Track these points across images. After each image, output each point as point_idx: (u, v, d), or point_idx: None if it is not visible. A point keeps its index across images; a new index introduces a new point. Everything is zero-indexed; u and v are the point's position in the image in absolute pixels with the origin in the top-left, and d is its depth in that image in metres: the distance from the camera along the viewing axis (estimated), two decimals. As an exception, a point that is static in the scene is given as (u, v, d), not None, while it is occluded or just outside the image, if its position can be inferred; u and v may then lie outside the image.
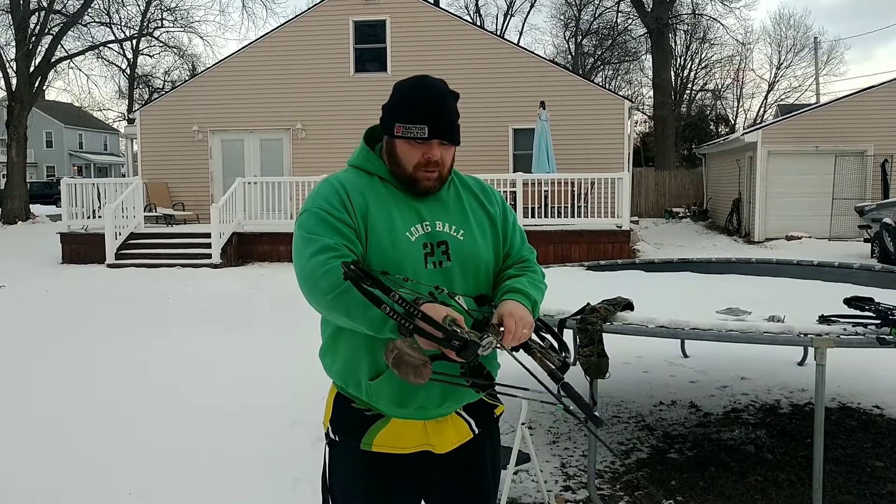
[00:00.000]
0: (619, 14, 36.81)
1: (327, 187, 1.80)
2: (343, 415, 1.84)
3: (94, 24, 29.01)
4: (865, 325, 3.18)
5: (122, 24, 31.44)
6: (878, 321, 3.18)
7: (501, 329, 1.65)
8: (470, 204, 1.89)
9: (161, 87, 39.19)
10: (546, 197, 14.12)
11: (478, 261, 1.83)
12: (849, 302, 3.51)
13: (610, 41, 38.43)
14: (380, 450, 1.80)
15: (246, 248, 14.51)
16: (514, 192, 13.94)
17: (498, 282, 1.87)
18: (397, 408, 1.78)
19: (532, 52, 18.66)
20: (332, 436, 1.87)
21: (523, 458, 3.54)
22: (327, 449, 1.90)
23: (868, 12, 66.58)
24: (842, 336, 3.09)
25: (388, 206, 1.78)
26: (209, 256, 13.78)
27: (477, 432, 1.90)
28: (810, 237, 17.25)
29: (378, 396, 1.78)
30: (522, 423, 3.50)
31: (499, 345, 1.63)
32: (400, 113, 1.77)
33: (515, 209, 13.92)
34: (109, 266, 13.80)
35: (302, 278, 1.69)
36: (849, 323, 3.24)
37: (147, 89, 40.56)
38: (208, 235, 13.94)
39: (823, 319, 3.32)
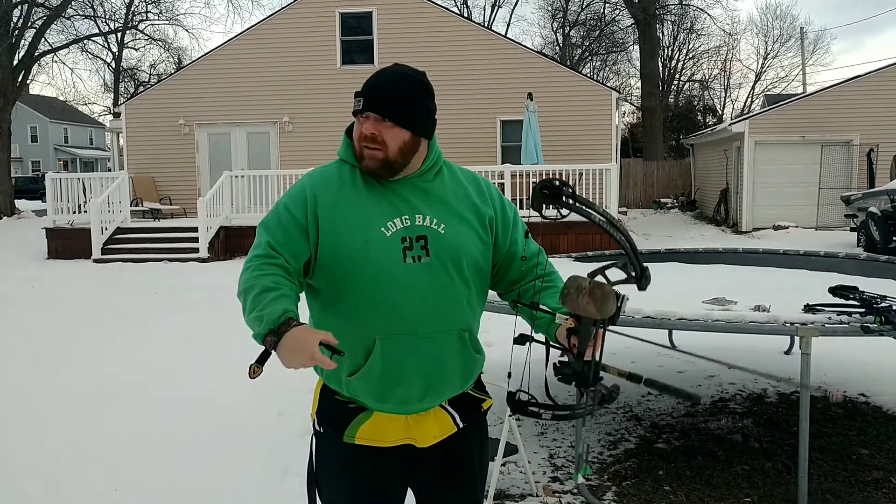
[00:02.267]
0: (607, 5, 36.83)
1: (299, 183, 1.85)
2: (327, 407, 1.85)
3: (77, 17, 28.73)
4: (850, 314, 3.19)
5: (107, 17, 31.13)
6: (863, 310, 3.19)
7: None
8: (456, 195, 1.83)
9: (147, 80, 38.91)
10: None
11: (459, 255, 1.77)
12: (833, 291, 3.53)
13: (597, 32, 38.44)
14: (363, 442, 1.80)
15: (233, 242, 14.44)
16: (503, 184, 13.93)
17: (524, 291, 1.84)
18: (376, 402, 1.79)
19: (519, 44, 18.63)
20: (317, 427, 1.88)
21: (511, 449, 3.54)
22: (314, 440, 1.91)
23: (860, 2, 66.91)
24: (826, 325, 3.10)
25: (364, 199, 1.76)
26: (196, 251, 13.72)
27: (461, 426, 1.88)
28: (797, 227, 17.34)
29: (357, 392, 1.79)
30: (510, 415, 3.51)
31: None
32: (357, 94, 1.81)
33: (504, 201, 13.92)
34: (96, 261, 13.71)
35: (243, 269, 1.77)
36: (833, 312, 3.26)
37: (133, 83, 40.25)
38: (195, 229, 13.86)
39: (809, 308, 3.34)
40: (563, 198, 1.57)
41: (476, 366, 1.88)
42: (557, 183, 1.58)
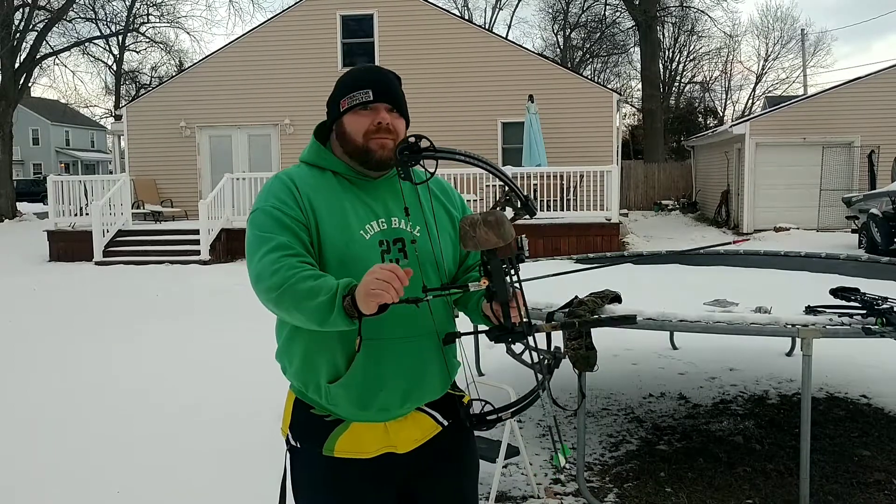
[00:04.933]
0: (607, 7, 36.85)
1: (278, 184, 1.75)
2: (302, 421, 1.80)
3: (79, 20, 28.85)
4: (851, 316, 3.19)
5: (108, 19, 31.27)
6: (864, 311, 3.19)
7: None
8: (435, 202, 1.85)
9: (148, 83, 38.97)
10: (535, 190, 14.13)
11: (434, 258, 1.77)
12: (835, 292, 3.53)
13: (598, 34, 38.46)
14: (342, 455, 1.75)
15: (235, 245, 14.45)
16: (504, 186, 13.92)
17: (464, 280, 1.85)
18: (358, 410, 1.73)
19: (520, 46, 18.63)
20: (292, 442, 1.82)
21: (512, 451, 3.54)
22: (288, 455, 1.85)
23: (865, 5, 66.92)
24: (828, 326, 3.10)
25: (341, 201, 1.73)
26: (198, 253, 13.73)
27: (445, 424, 1.84)
28: (798, 228, 17.33)
29: (337, 399, 1.73)
30: (511, 417, 3.50)
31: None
32: (342, 90, 1.78)
33: (505, 203, 13.91)
34: (97, 264, 13.72)
35: (254, 277, 1.65)
36: (835, 313, 3.25)
37: (134, 85, 40.33)
38: (197, 232, 13.88)
39: (810, 310, 3.34)
40: (423, 151, 1.58)
41: (454, 368, 1.87)
42: (413, 139, 1.59)
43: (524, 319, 1.62)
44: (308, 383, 1.76)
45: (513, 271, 1.61)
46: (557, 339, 1.77)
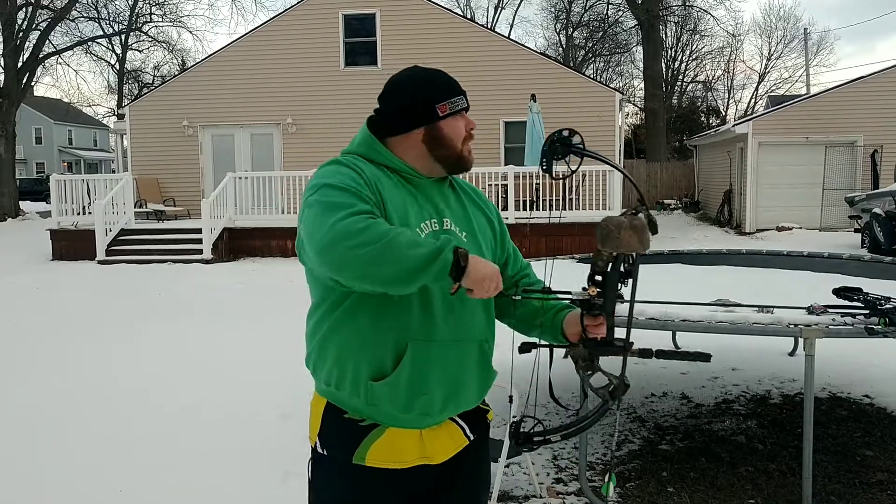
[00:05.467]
0: (610, 6, 36.83)
1: (342, 167, 1.66)
2: (334, 426, 1.71)
3: (82, 19, 28.88)
4: (854, 316, 3.19)
5: (111, 19, 31.30)
6: (867, 311, 3.19)
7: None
8: (471, 207, 1.84)
9: (151, 82, 39.00)
10: (537, 190, 14.13)
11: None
12: (837, 292, 3.53)
13: (601, 33, 38.44)
14: (374, 464, 1.68)
15: (237, 244, 14.46)
16: (506, 185, 13.94)
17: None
18: (400, 412, 1.67)
19: (522, 45, 18.63)
20: (320, 450, 1.73)
21: (514, 451, 3.54)
22: (311, 468, 1.77)
23: (869, 4, 66.84)
24: (830, 326, 3.10)
25: (402, 195, 1.70)
26: (200, 252, 13.73)
27: (472, 438, 1.82)
28: (801, 228, 17.30)
29: (379, 399, 1.66)
30: (514, 417, 3.50)
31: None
32: (437, 93, 1.73)
33: (507, 202, 13.95)
34: (100, 262, 13.73)
35: (332, 238, 1.47)
36: (838, 313, 3.25)
37: (137, 84, 40.37)
38: (199, 231, 13.88)
39: (812, 310, 3.33)
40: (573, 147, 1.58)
41: (491, 379, 1.85)
42: (567, 133, 1.58)
43: (615, 337, 1.61)
44: (343, 382, 1.68)
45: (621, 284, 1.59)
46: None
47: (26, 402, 5.30)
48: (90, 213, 14.43)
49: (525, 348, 1.74)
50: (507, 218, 13.26)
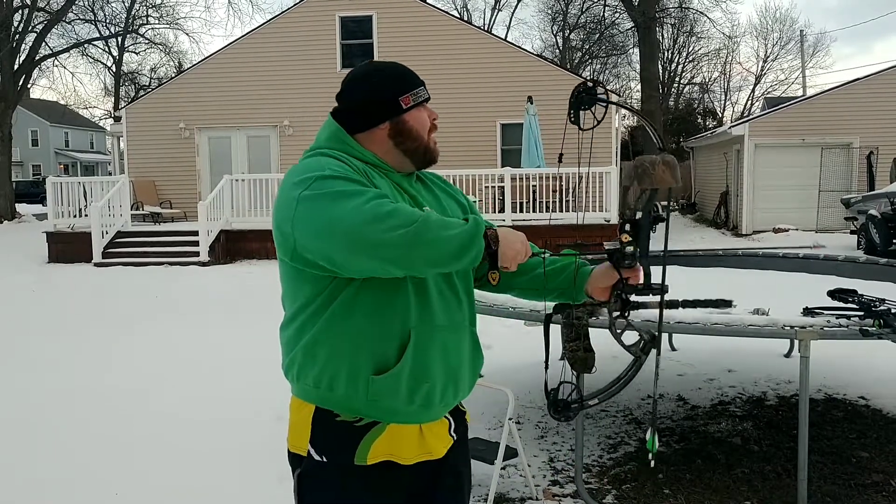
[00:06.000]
0: (606, 8, 36.82)
1: (324, 158, 1.62)
2: (327, 431, 1.66)
3: (78, 21, 28.84)
4: (849, 318, 3.20)
5: (107, 21, 31.27)
6: (862, 313, 3.20)
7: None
8: (442, 195, 1.85)
9: (147, 84, 38.95)
10: (534, 192, 14.14)
11: None
12: (832, 294, 3.54)
13: (597, 35, 38.45)
14: (379, 460, 1.65)
15: (234, 246, 14.45)
16: (503, 188, 13.95)
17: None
18: (402, 405, 1.64)
19: (519, 47, 18.65)
20: (316, 457, 1.66)
21: (511, 452, 3.55)
22: (302, 476, 1.69)
23: (866, 6, 67.04)
24: (825, 328, 3.11)
25: (386, 184, 1.67)
26: (197, 254, 13.72)
27: (455, 438, 1.80)
28: (797, 229, 17.34)
29: (381, 393, 1.62)
30: (510, 419, 3.51)
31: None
32: (400, 86, 1.72)
33: (504, 204, 13.96)
34: (96, 265, 13.71)
35: (364, 221, 1.44)
36: (833, 315, 3.26)
37: (133, 87, 40.30)
38: (196, 233, 13.87)
39: (808, 312, 3.34)
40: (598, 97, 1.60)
41: (480, 364, 1.84)
42: (591, 84, 1.60)
43: (652, 283, 1.64)
44: (337, 382, 1.63)
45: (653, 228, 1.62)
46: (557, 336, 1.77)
47: (23, 403, 5.29)
48: (86, 215, 14.41)
49: (559, 309, 1.77)
50: (504, 220, 13.28)
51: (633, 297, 1.67)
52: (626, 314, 1.67)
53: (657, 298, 1.65)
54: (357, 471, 1.64)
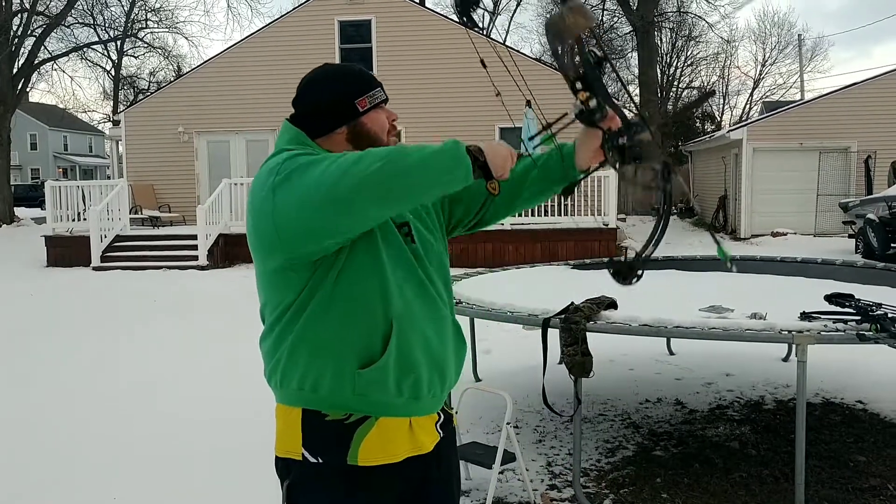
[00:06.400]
0: (605, 12, 36.85)
1: (285, 153, 1.60)
2: (319, 431, 1.64)
3: (77, 25, 28.87)
4: (846, 322, 3.21)
5: (106, 25, 31.31)
6: (859, 317, 3.20)
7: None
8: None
9: (146, 88, 38.95)
10: (532, 196, 14.14)
11: (429, 249, 1.75)
12: (829, 298, 3.55)
13: (596, 39, 38.48)
14: (367, 462, 1.63)
15: (233, 250, 14.44)
16: (501, 191, 13.94)
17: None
18: (391, 397, 1.63)
19: (518, 51, 18.68)
20: (312, 460, 1.64)
21: (508, 457, 3.55)
22: (294, 481, 1.69)
23: (864, 10, 67.18)
24: (822, 333, 3.12)
25: None
26: (195, 258, 13.73)
27: (441, 435, 1.78)
28: (796, 233, 17.36)
29: (368, 387, 1.61)
30: (507, 423, 3.51)
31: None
32: (355, 89, 1.72)
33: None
34: (95, 269, 13.72)
35: (338, 172, 1.44)
36: (830, 319, 3.27)
37: (132, 90, 40.29)
38: (194, 237, 13.88)
39: (805, 316, 3.35)
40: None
41: (464, 354, 1.83)
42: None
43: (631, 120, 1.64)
44: (322, 380, 1.62)
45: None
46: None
47: (22, 405, 5.29)
48: (85, 219, 14.42)
49: (569, 190, 1.82)
50: (503, 224, 13.28)
51: (623, 141, 1.66)
52: (628, 159, 1.68)
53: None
54: (351, 471, 1.63)
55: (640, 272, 1.67)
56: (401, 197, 1.49)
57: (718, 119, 41.85)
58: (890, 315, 3.17)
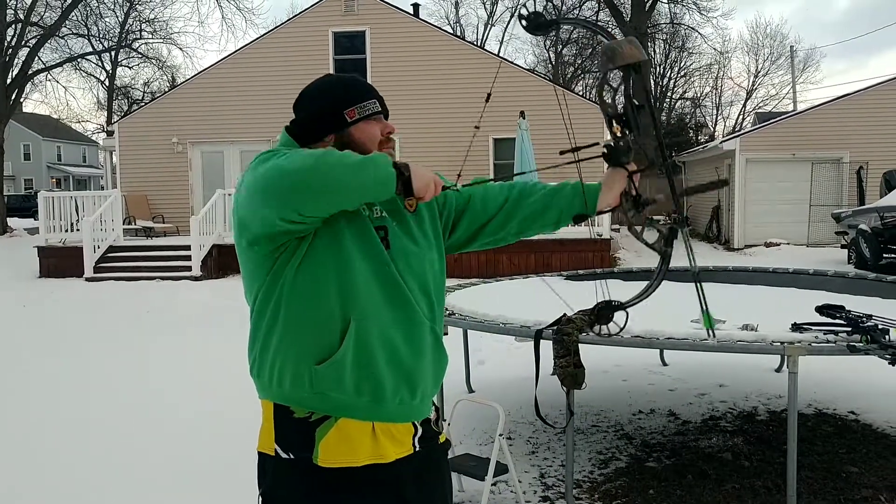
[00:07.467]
0: (598, 23, 37.08)
1: (275, 151, 1.66)
2: (286, 427, 1.66)
3: (71, 35, 28.87)
4: (837, 333, 3.22)
5: (101, 35, 31.29)
6: (849, 329, 3.22)
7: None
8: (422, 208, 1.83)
9: (140, 98, 38.98)
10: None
11: (411, 251, 1.74)
12: (820, 310, 3.56)
13: (590, 50, 38.68)
14: (328, 463, 1.63)
15: (226, 261, 14.41)
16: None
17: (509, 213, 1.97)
18: (349, 398, 1.63)
19: (512, 63, 18.75)
20: (283, 455, 1.66)
21: (501, 468, 3.54)
22: (266, 476, 1.69)
23: (859, 21, 67.67)
24: (813, 344, 3.13)
25: None
26: (189, 269, 13.70)
27: (417, 449, 1.74)
28: (789, 244, 17.43)
29: (326, 383, 1.62)
30: (500, 434, 3.51)
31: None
32: (345, 99, 1.76)
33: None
34: (88, 280, 13.67)
35: (282, 163, 1.54)
36: (821, 331, 3.28)
37: (126, 101, 40.33)
38: (188, 248, 13.86)
39: (796, 327, 3.36)
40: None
41: (444, 364, 1.81)
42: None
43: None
44: (285, 374, 1.64)
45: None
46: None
47: (17, 418, 5.26)
48: (78, 229, 14.39)
49: (580, 219, 1.94)
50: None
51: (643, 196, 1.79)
52: (640, 210, 1.75)
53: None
54: (318, 470, 1.63)
55: (622, 324, 1.79)
56: (333, 191, 1.54)
57: (712, 130, 42.04)
58: (880, 326, 3.18)
